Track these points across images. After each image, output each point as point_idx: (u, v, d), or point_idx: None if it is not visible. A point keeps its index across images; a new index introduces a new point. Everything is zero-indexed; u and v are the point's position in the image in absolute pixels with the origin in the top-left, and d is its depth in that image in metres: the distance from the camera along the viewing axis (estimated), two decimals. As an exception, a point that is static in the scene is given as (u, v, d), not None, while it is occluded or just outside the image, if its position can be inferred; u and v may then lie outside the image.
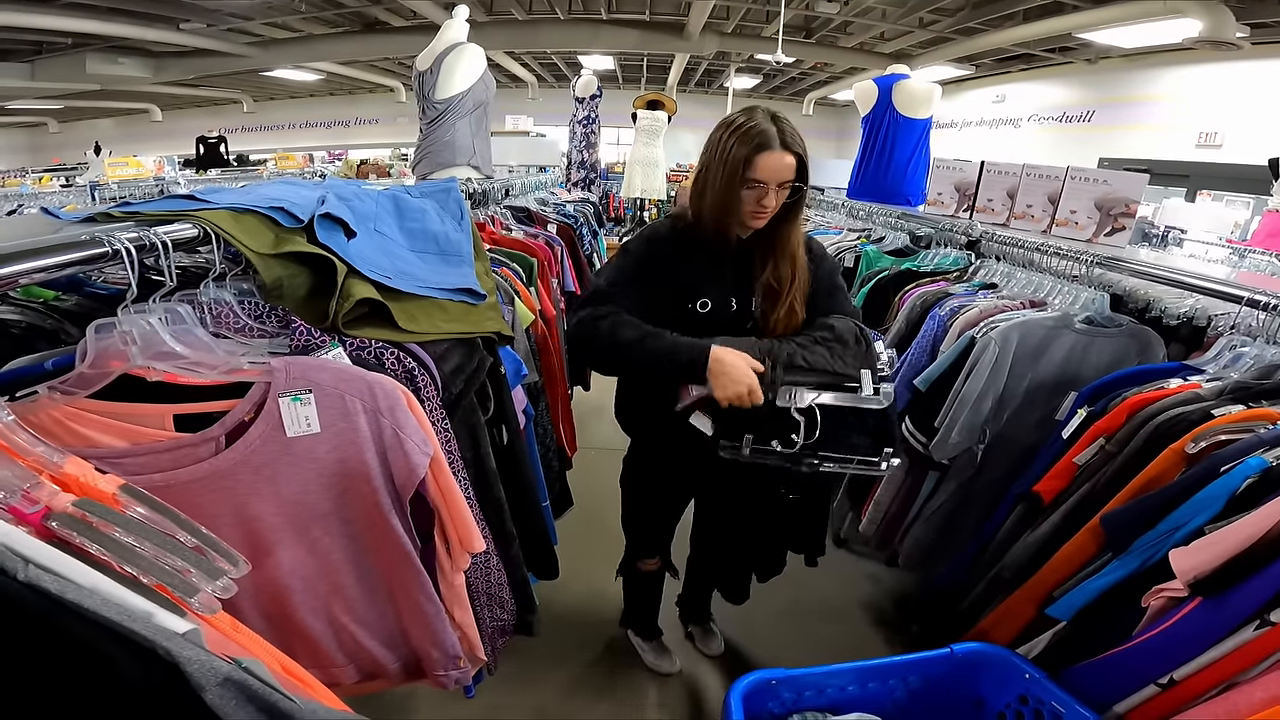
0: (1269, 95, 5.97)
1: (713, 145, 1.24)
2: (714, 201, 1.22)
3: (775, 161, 1.17)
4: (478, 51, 2.23)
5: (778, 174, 1.19)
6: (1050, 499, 1.22)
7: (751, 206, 1.21)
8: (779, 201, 1.22)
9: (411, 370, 0.94)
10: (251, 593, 0.79)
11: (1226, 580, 0.83)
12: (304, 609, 0.83)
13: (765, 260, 1.28)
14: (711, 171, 1.23)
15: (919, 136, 2.85)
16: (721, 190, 1.21)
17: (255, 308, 0.94)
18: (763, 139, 1.17)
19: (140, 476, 0.70)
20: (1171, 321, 1.53)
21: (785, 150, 1.18)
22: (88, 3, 5.91)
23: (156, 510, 0.52)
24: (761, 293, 1.27)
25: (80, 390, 0.74)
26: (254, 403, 0.78)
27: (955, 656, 1.11)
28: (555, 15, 7.70)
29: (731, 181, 1.19)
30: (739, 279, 1.28)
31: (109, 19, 6.22)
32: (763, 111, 1.21)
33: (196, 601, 0.47)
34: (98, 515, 0.47)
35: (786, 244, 1.27)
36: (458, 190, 1.22)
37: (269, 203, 0.90)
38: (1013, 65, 8.54)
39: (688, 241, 1.28)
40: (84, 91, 9.16)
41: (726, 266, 1.27)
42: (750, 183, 1.19)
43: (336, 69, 9.70)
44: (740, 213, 1.23)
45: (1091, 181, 1.85)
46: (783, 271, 1.27)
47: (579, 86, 5.97)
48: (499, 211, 2.07)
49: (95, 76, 7.77)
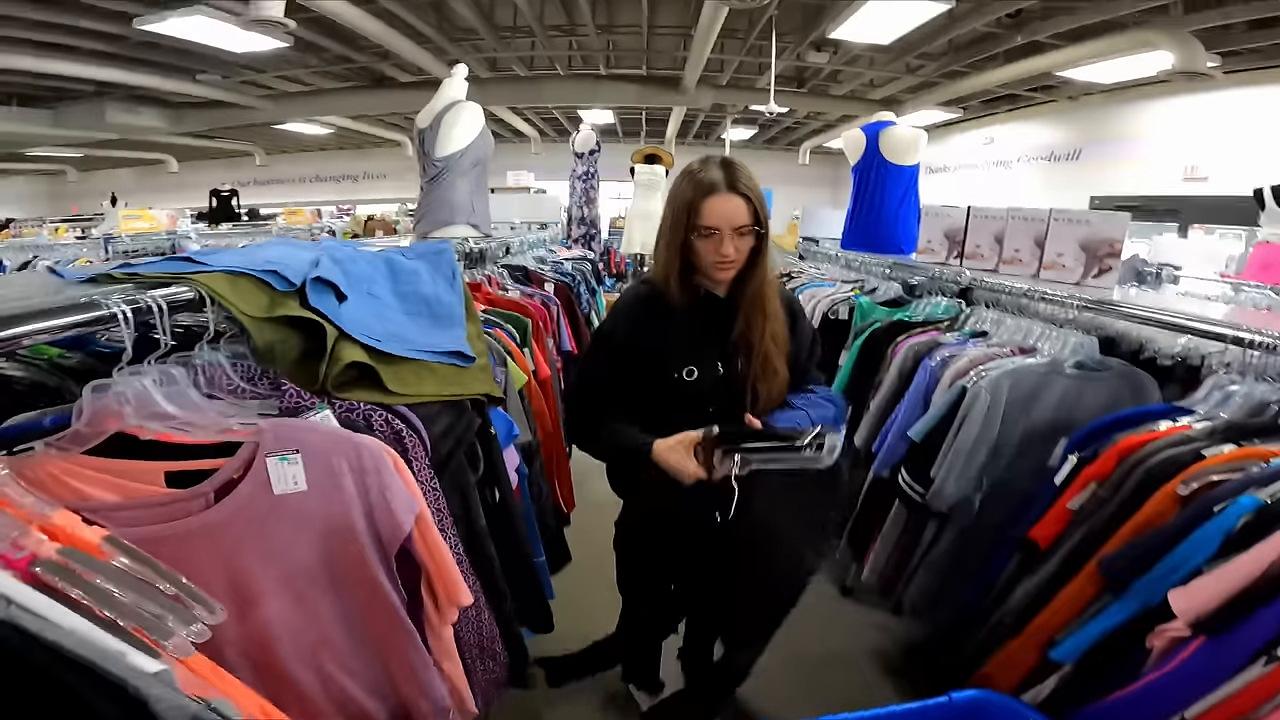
0: (1247, 125, 6.10)
1: (669, 197, 1.25)
2: (666, 255, 1.22)
3: (723, 205, 1.16)
4: (476, 109, 2.29)
5: (729, 218, 1.16)
6: (1047, 545, 1.21)
7: (712, 257, 1.19)
8: (739, 250, 1.19)
9: (399, 432, 0.95)
10: (239, 642, 0.80)
11: (1229, 619, 0.83)
12: (291, 659, 0.84)
13: (737, 315, 1.27)
14: (665, 222, 1.23)
15: (908, 183, 2.89)
16: (670, 239, 1.21)
17: (248, 370, 0.96)
18: (710, 183, 1.17)
19: (133, 529, 0.72)
20: (1166, 362, 1.53)
21: (733, 193, 1.17)
22: (109, 51, 6.15)
23: (138, 560, 0.55)
24: (742, 350, 1.27)
25: (76, 447, 0.77)
26: (243, 461, 0.80)
27: (954, 704, 1.08)
28: (556, 71, 8.00)
29: (678, 230, 1.18)
30: (722, 341, 1.27)
31: (129, 68, 6.48)
32: (717, 159, 1.21)
33: (171, 645, 0.50)
34: (80, 563, 0.51)
35: (754, 294, 1.26)
36: (450, 252, 1.25)
37: (264, 266, 0.93)
38: (999, 106, 8.78)
39: (665, 305, 1.26)
40: (103, 141, 9.51)
41: (708, 329, 1.27)
42: (702, 230, 1.17)
43: (346, 123, 10.04)
44: (702, 266, 1.22)
45: (1075, 223, 1.87)
46: (753, 322, 1.25)
47: (578, 142, 6.15)
48: (496, 271, 2.11)
49: (115, 125, 8.07)
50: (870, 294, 2.33)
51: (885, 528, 1.72)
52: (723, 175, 1.17)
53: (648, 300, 1.29)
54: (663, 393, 1.25)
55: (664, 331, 1.26)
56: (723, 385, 1.26)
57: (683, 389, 1.25)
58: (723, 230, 1.17)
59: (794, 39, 6.62)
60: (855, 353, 1.97)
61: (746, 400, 1.26)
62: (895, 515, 1.71)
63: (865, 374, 1.93)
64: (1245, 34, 5.17)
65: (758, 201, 1.20)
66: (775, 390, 1.28)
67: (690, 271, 1.26)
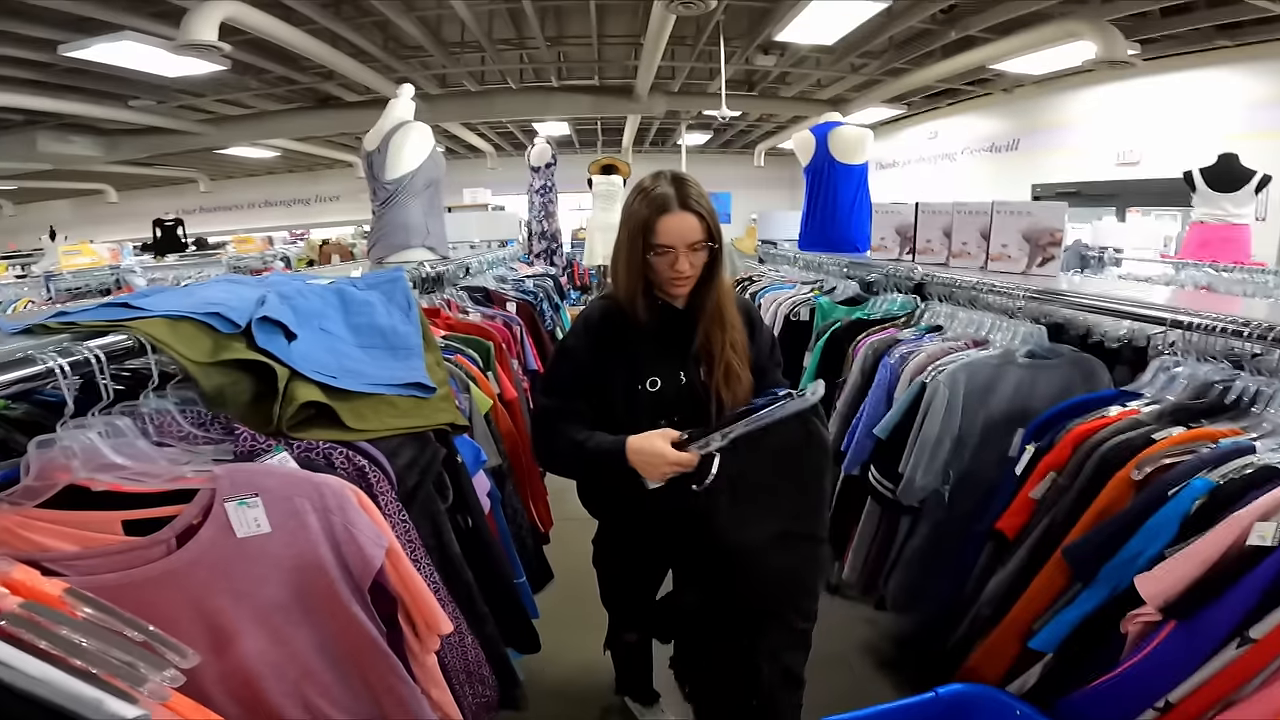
0: (1171, 109, 6.41)
1: (623, 214, 1.26)
2: (624, 273, 1.24)
3: (677, 223, 1.19)
4: (425, 129, 2.26)
5: (682, 236, 1.19)
6: (1014, 535, 1.24)
7: (667, 273, 1.22)
8: (694, 265, 1.22)
9: (362, 468, 0.94)
10: (222, 681, 0.81)
11: (1196, 602, 0.85)
12: (277, 693, 0.83)
13: (697, 327, 1.29)
14: (620, 242, 1.25)
15: (858, 182, 2.96)
16: (627, 259, 1.23)
17: (198, 415, 0.94)
18: (662, 201, 1.19)
19: (94, 577, 0.73)
20: (1113, 345, 1.59)
21: (685, 210, 1.19)
22: (35, 79, 5.91)
23: (101, 610, 0.55)
24: (703, 359, 1.29)
25: (27, 501, 0.77)
26: (201, 507, 0.79)
27: (942, 699, 1.10)
28: (508, 85, 7.96)
29: (634, 248, 1.21)
30: (684, 351, 1.29)
31: (57, 95, 6.22)
32: (668, 175, 1.23)
33: (147, 690, 0.50)
34: (44, 615, 0.51)
35: (712, 307, 1.28)
36: (404, 280, 1.23)
37: (206, 308, 0.90)
38: (941, 101, 9.05)
39: (625, 318, 1.28)
40: (37, 172, 9.12)
41: (669, 340, 1.28)
42: (657, 249, 1.20)
43: (293, 145, 9.80)
44: (659, 281, 1.24)
45: (1016, 214, 1.93)
46: (712, 335, 1.28)
47: (533, 156, 6.12)
48: (455, 294, 2.07)
49: (46, 155, 7.77)
50: (829, 294, 2.37)
51: (860, 525, 1.75)
52: (674, 192, 1.20)
53: (608, 315, 1.31)
54: (627, 405, 1.25)
55: (626, 344, 1.28)
56: (686, 394, 1.28)
57: (646, 400, 1.26)
58: (677, 248, 1.20)
59: (742, 43, 6.72)
60: (818, 353, 2.00)
61: (711, 409, 1.28)
62: (869, 512, 1.73)
63: (829, 374, 1.96)
64: (1161, 21, 5.43)
65: (709, 217, 1.22)
66: (740, 396, 1.30)
67: (650, 287, 1.29)
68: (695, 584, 1.46)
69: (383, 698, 0.91)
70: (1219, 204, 3.89)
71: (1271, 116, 5.66)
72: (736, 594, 1.24)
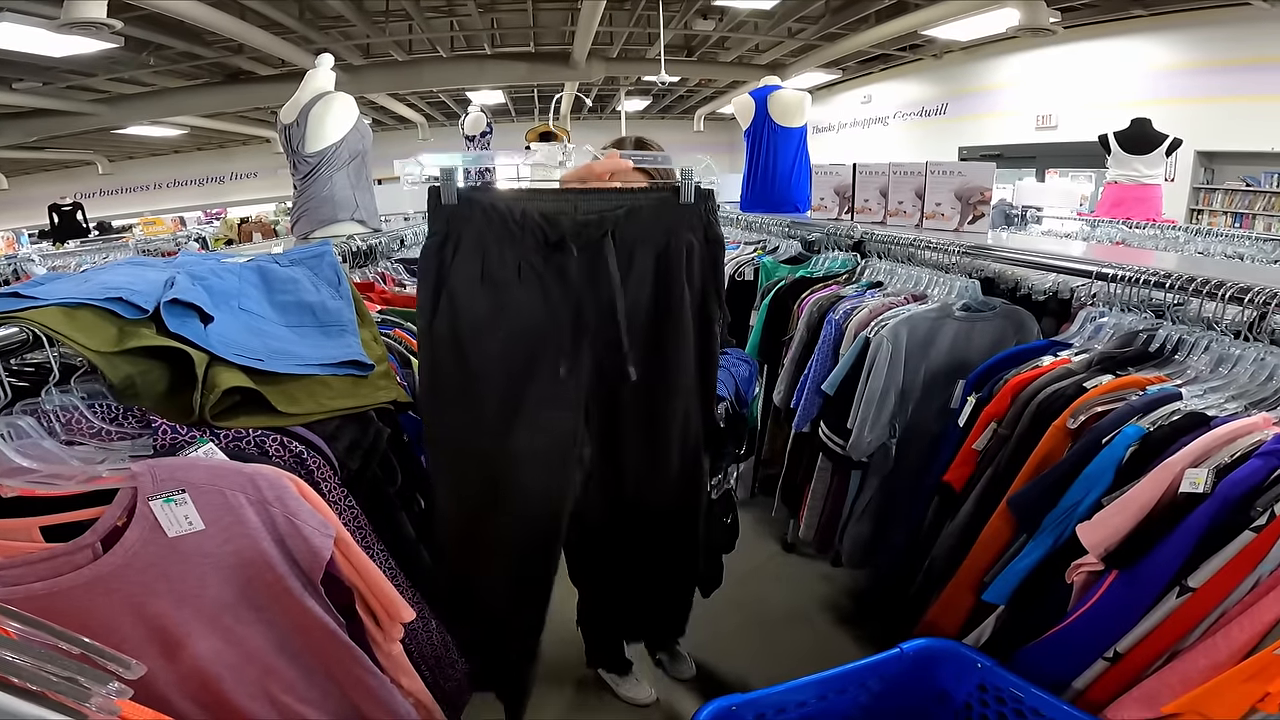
0: (1088, 76, 6.72)
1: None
2: None
3: (603, 166, 1.00)
4: (347, 100, 2.13)
5: (604, 171, 1.00)
6: (960, 487, 1.26)
7: None
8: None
9: (300, 454, 0.88)
10: (178, 684, 0.77)
11: (1135, 551, 0.86)
12: (240, 694, 0.80)
13: None
14: None
15: (797, 144, 2.98)
16: None
17: (109, 409, 0.87)
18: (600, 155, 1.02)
19: (19, 587, 0.69)
20: (1039, 297, 1.65)
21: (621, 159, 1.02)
22: None
23: (30, 625, 0.51)
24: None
25: None
26: (124, 507, 0.74)
27: (906, 655, 1.11)
28: (438, 54, 7.61)
29: None
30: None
31: None
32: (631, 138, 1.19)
33: (94, 705, 0.47)
34: None
35: None
36: (331, 254, 1.15)
37: (106, 293, 0.81)
38: (874, 66, 9.22)
39: None
40: (-82, 160, 8.25)
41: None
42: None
43: (201, 122, 9.13)
44: None
45: (949, 174, 1.99)
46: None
47: (467, 124, 5.88)
48: (390, 267, 1.98)
49: None
50: (772, 253, 2.39)
51: (813, 483, 1.78)
52: (614, 145, 1.15)
53: None
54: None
55: None
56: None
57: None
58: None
59: (680, 7, 6.62)
60: (764, 312, 2.01)
61: None
62: (821, 469, 1.77)
63: (775, 332, 1.98)
64: (1081, -12, 5.65)
65: (656, 175, 1.12)
66: None
67: None
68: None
69: (351, 691, 0.88)
70: (1132, 165, 4.10)
71: (1180, 83, 6.02)
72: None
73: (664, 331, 0.96)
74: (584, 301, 0.91)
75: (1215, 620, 0.80)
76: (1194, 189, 6.30)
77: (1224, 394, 1.04)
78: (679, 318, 0.95)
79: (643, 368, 0.94)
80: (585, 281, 0.91)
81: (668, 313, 0.95)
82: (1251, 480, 0.81)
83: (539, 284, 0.92)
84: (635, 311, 0.93)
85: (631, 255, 0.92)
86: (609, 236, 0.89)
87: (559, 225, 0.89)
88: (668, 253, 0.93)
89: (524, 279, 0.91)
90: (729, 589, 1.57)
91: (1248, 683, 0.68)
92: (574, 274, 0.90)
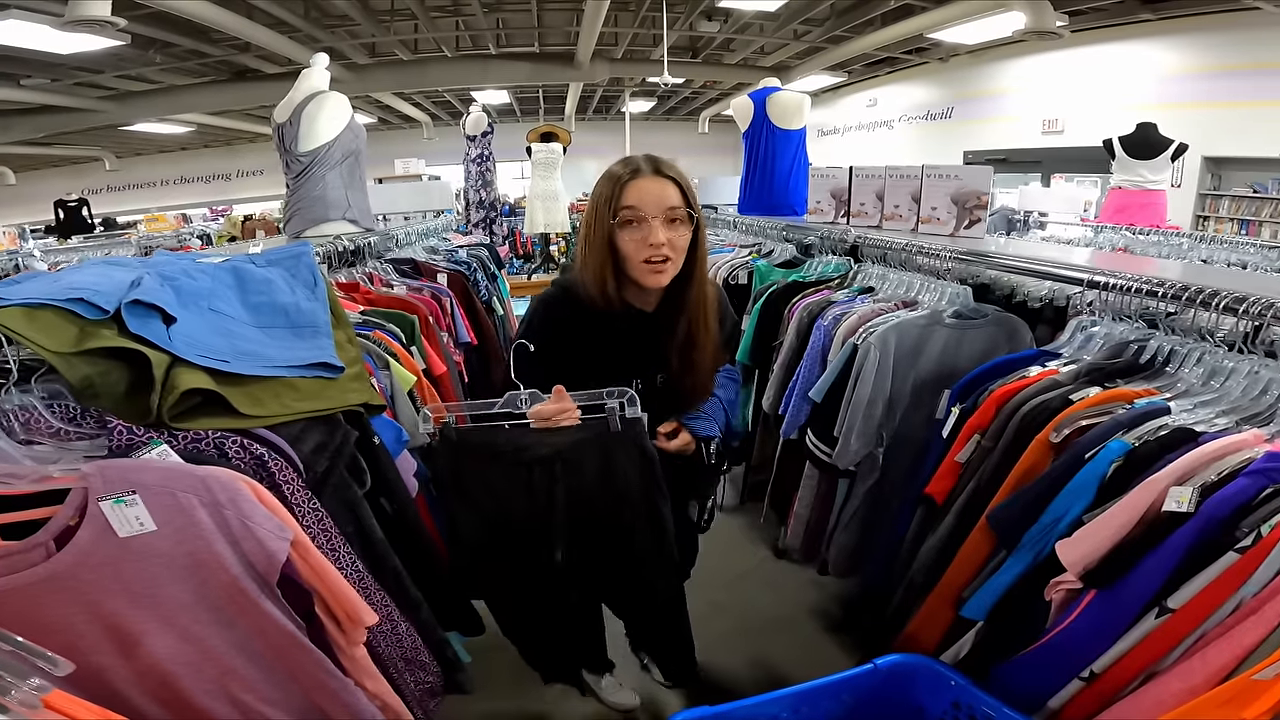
0: (1094, 80, 6.66)
1: (588, 206, 1.16)
2: (594, 260, 1.11)
3: (648, 184, 1.06)
4: (341, 99, 2.13)
5: (656, 200, 1.06)
6: (943, 499, 1.24)
7: (642, 253, 1.07)
8: (674, 242, 1.08)
9: (261, 456, 0.87)
10: (135, 681, 0.78)
11: (1115, 570, 0.83)
12: (199, 692, 0.81)
13: (673, 329, 1.19)
14: (586, 229, 1.13)
15: (796, 147, 2.96)
16: (596, 240, 1.10)
17: (67, 410, 0.87)
18: (632, 166, 1.08)
19: None
20: (1035, 304, 1.62)
21: (658, 175, 1.08)
22: None
23: None
24: (673, 361, 1.22)
25: None
26: (75, 507, 0.75)
27: (880, 670, 1.09)
28: (443, 53, 7.62)
29: (600, 224, 1.08)
30: (653, 352, 1.22)
31: None
32: (640, 155, 1.14)
33: (15, 698, 0.50)
34: None
35: (694, 308, 1.17)
36: (309, 255, 1.14)
37: (68, 294, 0.81)
38: (880, 69, 9.18)
39: (581, 318, 1.18)
40: (-74, 156, 8.33)
41: (635, 342, 1.21)
42: (623, 212, 1.06)
43: (208, 120, 9.18)
44: (630, 269, 1.11)
45: (945, 178, 1.96)
46: (697, 337, 1.20)
47: (469, 124, 5.90)
48: (379, 267, 1.97)
49: None
50: (767, 257, 2.37)
51: (800, 490, 1.75)
52: (648, 162, 1.09)
53: (564, 308, 1.19)
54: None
55: (591, 346, 1.19)
56: (649, 395, 1.20)
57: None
58: (648, 217, 1.06)
59: (685, 9, 6.60)
60: (755, 316, 1.99)
61: (678, 402, 1.28)
62: (808, 477, 1.74)
63: (767, 337, 1.96)
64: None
65: (688, 189, 1.10)
66: (700, 392, 1.29)
67: (623, 281, 1.14)
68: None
69: (313, 693, 0.88)
70: (1137, 171, 4.06)
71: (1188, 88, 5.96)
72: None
73: (620, 516, 1.20)
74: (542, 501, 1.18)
75: (1194, 643, 0.77)
76: (1200, 195, 6.23)
77: (1214, 409, 1.01)
78: (630, 506, 1.20)
79: (610, 537, 1.22)
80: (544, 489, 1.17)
81: (618, 505, 1.20)
82: (1237, 499, 0.79)
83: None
84: (592, 503, 1.18)
85: (581, 470, 1.16)
86: (557, 458, 1.14)
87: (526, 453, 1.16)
88: (610, 467, 1.16)
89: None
90: (717, 593, 1.56)
91: (1223, 707, 0.66)
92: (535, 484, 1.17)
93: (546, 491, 1.16)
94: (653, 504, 1.21)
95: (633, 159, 1.12)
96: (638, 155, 1.13)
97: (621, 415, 1.13)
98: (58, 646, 0.56)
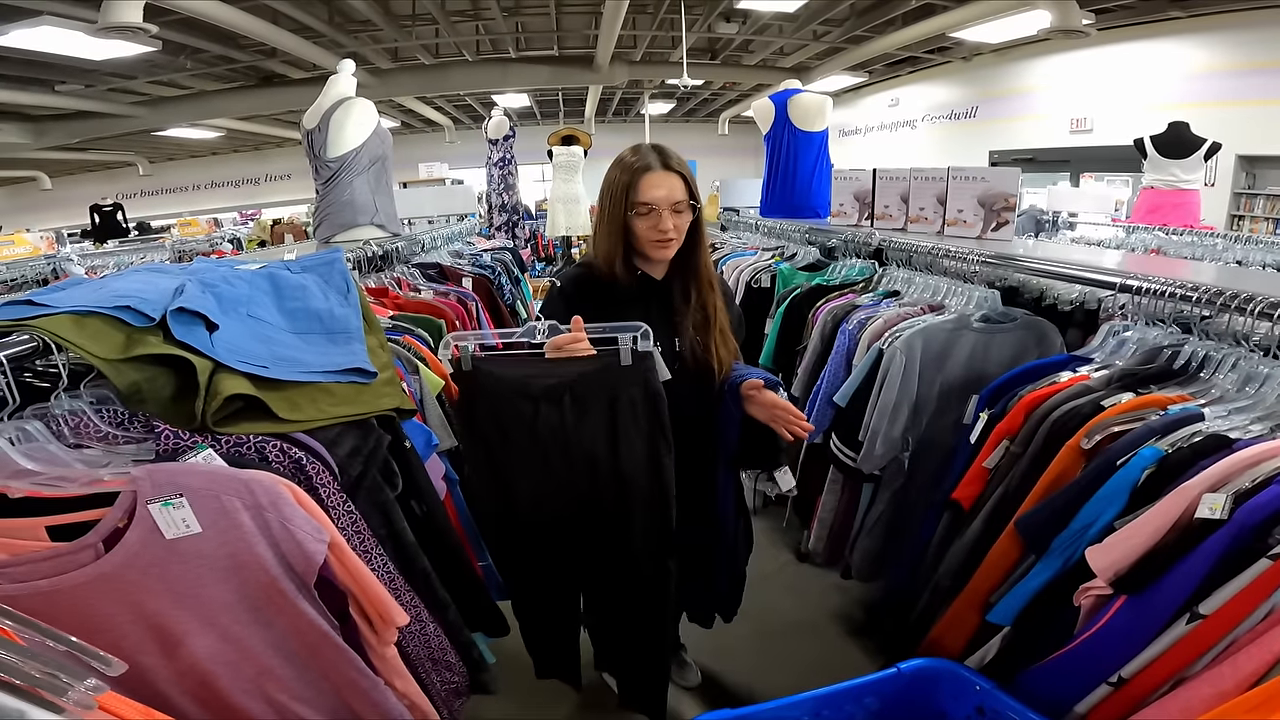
0: (1123, 78, 6.52)
1: (603, 187, 1.28)
2: (604, 239, 1.26)
3: (659, 180, 1.22)
4: (368, 105, 2.17)
5: (666, 196, 1.22)
6: (969, 505, 1.23)
7: (651, 234, 1.24)
8: (679, 226, 1.25)
9: (299, 460, 0.90)
10: (178, 681, 0.80)
11: (1146, 576, 0.83)
12: (236, 691, 0.83)
13: (687, 294, 1.32)
14: (603, 210, 1.27)
15: (818, 149, 2.94)
16: (608, 224, 1.25)
17: (116, 415, 0.89)
18: (645, 163, 1.23)
19: (26, 584, 0.73)
20: (1065, 308, 1.60)
21: (668, 170, 1.23)
22: None
23: (19, 623, 0.54)
24: (692, 326, 1.31)
25: None
26: (124, 510, 0.77)
27: (904, 674, 1.09)
28: (464, 57, 7.70)
29: (616, 211, 1.23)
30: (663, 321, 1.29)
31: None
32: (647, 145, 1.27)
33: (71, 699, 0.49)
34: None
35: (703, 271, 1.32)
36: (341, 261, 1.16)
37: (115, 301, 0.84)
38: (901, 69, 9.06)
39: (603, 287, 1.29)
40: (-37, 161, 8.63)
41: (650, 309, 1.27)
42: (639, 207, 1.22)
43: (237, 125, 9.38)
44: (640, 245, 1.26)
45: (971, 180, 1.94)
46: (707, 298, 1.32)
47: (491, 128, 5.96)
48: (406, 272, 2.00)
49: None
50: (790, 260, 2.36)
51: (824, 494, 1.75)
52: (656, 157, 1.24)
53: (586, 283, 1.32)
54: None
55: (608, 315, 1.24)
56: (670, 360, 1.27)
57: None
58: (659, 207, 1.23)
59: (703, 10, 6.59)
60: (779, 320, 1.99)
61: (712, 368, 1.33)
62: (832, 481, 1.74)
63: (790, 341, 1.96)
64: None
65: (691, 180, 1.26)
66: (728, 357, 1.35)
67: (631, 253, 1.31)
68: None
69: (344, 691, 0.90)
70: (1169, 170, 3.97)
71: (1220, 86, 5.81)
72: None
73: (619, 462, 1.20)
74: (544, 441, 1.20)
75: (1224, 648, 0.77)
76: (1235, 194, 6.07)
77: (1250, 415, 1.00)
78: (631, 450, 1.20)
79: (606, 490, 1.22)
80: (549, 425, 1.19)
81: (620, 448, 1.20)
82: (1271, 507, 0.78)
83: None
84: (594, 444, 1.19)
85: (586, 406, 1.17)
86: (565, 390, 1.16)
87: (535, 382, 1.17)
88: (616, 404, 1.17)
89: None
90: (739, 596, 1.55)
91: (1253, 712, 0.65)
92: (540, 421, 1.18)
93: (552, 429, 1.17)
94: (655, 450, 1.20)
95: (641, 149, 1.27)
96: (644, 146, 1.28)
97: (633, 349, 1.14)
98: (104, 646, 0.57)
